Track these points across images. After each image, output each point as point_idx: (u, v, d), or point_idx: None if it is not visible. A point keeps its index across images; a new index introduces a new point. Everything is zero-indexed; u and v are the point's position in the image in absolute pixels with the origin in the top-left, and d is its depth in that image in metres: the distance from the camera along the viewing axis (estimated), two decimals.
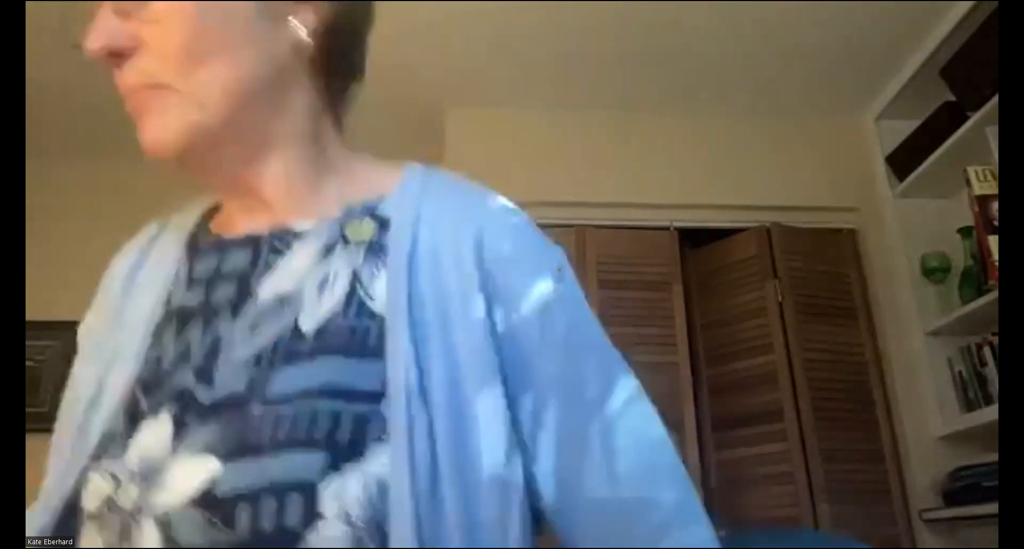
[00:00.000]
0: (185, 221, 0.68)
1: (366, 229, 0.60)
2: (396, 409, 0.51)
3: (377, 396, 0.52)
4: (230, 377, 0.54)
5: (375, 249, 0.59)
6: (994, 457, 2.08)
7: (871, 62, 2.49)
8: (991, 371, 2.21)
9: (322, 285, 0.57)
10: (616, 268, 2.54)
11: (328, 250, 0.59)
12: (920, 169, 2.42)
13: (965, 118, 2.20)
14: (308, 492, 0.48)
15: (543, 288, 0.60)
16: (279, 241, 0.60)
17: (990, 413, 2.09)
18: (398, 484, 0.49)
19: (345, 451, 0.49)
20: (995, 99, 2.02)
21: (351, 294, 0.56)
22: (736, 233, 2.64)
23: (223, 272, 0.61)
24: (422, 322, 0.55)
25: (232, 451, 0.50)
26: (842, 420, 2.35)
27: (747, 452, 2.37)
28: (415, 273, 0.57)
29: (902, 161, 2.54)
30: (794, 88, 2.63)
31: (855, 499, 2.26)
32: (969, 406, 2.27)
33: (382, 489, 0.49)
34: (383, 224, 0.60)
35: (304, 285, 0.57)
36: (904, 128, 2.57)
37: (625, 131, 2.72)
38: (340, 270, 0.58)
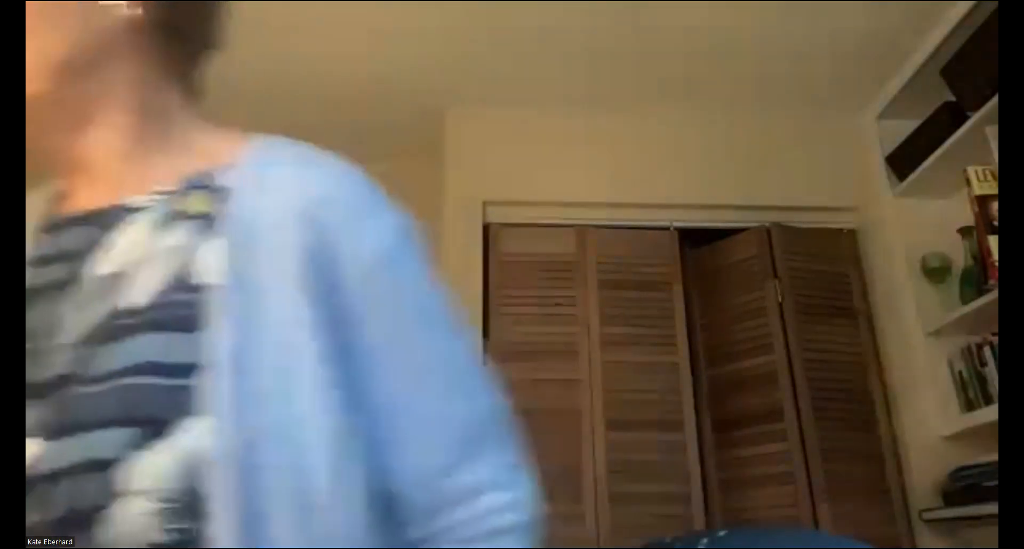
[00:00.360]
0: (36, 201, 0.68)
1: (200, 201, 0.59)
2: (213, 382, 0.51)
3: (197, 369, 0.51)
4: (59, 358, 0.54)
5: (208, 221, 0.58)
6: (994, 457, 2.07)
7: (871, 62, 2.48)
8: (991, 371, 2.21)
9: (151, 260, 0.56)
10: (616, 268, 2.54)
11: (161, 224, 0.58)
12: (920, 169, 2.42)
13: (965, 118, 2.20)
14: (117, 469, 0.48)
15: (376, 258, 0.59)
16: (112, 217, 0.60)
17: (990, 413, 2.09)
18: (213, 456, 0.49)
19: (159, 426, 0.49)
20: (995, 99, 2.02)
21: (179, 268, 0.56)
22: (736, 233, 2.64)
23: (64, 251, 0.60)
24: (249, 294, 0.54)
25: (54, 432, 0.51)
26: (842, 420, 2.35)
27: (747, 452, 2.37)
28: (245, 245, 0.56)
29: (902, 161, 2.54)
30: (794, 88, 2.63)
31: (855, 499, 2.26)
32: (969, 406, 2.27)
33: (196, 462, 0.49)
34: (218, 196, 0.59)
35: (134, 261, 0.57)
36: (904, 128, 2.57)
37: (625, 131, 2.72)
38: (171, 244, 0.57)
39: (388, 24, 2.29)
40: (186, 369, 0.51)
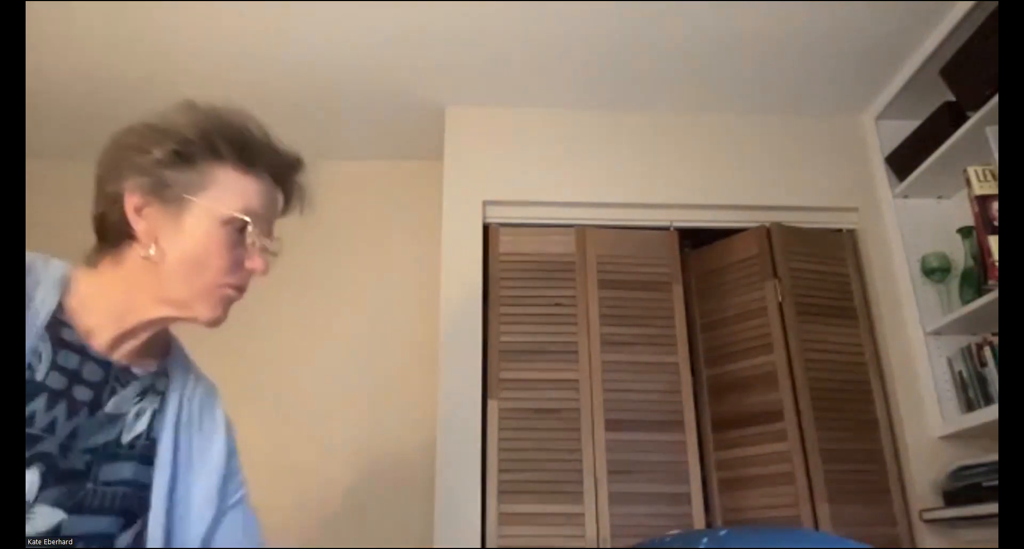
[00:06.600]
0: (47, 296, 0.89)
1: (161, 383, 0.99)
2: (154, 496, 0.94)
3: (150, 487, 0.93)
4: (78, 458, 0.87)
5: (162, 396, 0.99)
6: (994, 457, 2.08)
7: (871, 62, 2.49)
8: (991, 371, 2.21)
9: (138, 414, 0.95)
10: (616, 268, 2.55)
11: (144, 392, 0.97)
12: (920, 169, 2.42)
13: (965, 118, 2.20)
14: (109, 540, 0.88)
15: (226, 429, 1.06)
16: (123, 375, 0.94)
17: (990, 413, 2.09)
18: (152, 540, 0.91)
19: (132, 517, 0.91)
20: (995, 99, 2.02)
21: (148, 424, 0.96)
22: (736, 233, 2.64)
23: (83, 376, 0.89)
24: (181, 446, 0.98)
25: (72, 508, 0.85)
26: (842, 420, 2.35)
27: (747, 452, 2.37)
28: (179, 414, 0.99)
29: (902, 161, 2.54)
30: (794, 88, 2.63)
31: (855, 499, 2.26)
32: (969, 406, 2.27)
33: (145, 539, 0.91)
34: (167, 379, 1.01)
35: (128, 411, 0.94)
36: (904, 128, 2.57)
37: (625, 131, 2.72)
38: (146, 407, 0.96)
39: (388, 24, 2.29)
40: (145, 486, 0.93)
